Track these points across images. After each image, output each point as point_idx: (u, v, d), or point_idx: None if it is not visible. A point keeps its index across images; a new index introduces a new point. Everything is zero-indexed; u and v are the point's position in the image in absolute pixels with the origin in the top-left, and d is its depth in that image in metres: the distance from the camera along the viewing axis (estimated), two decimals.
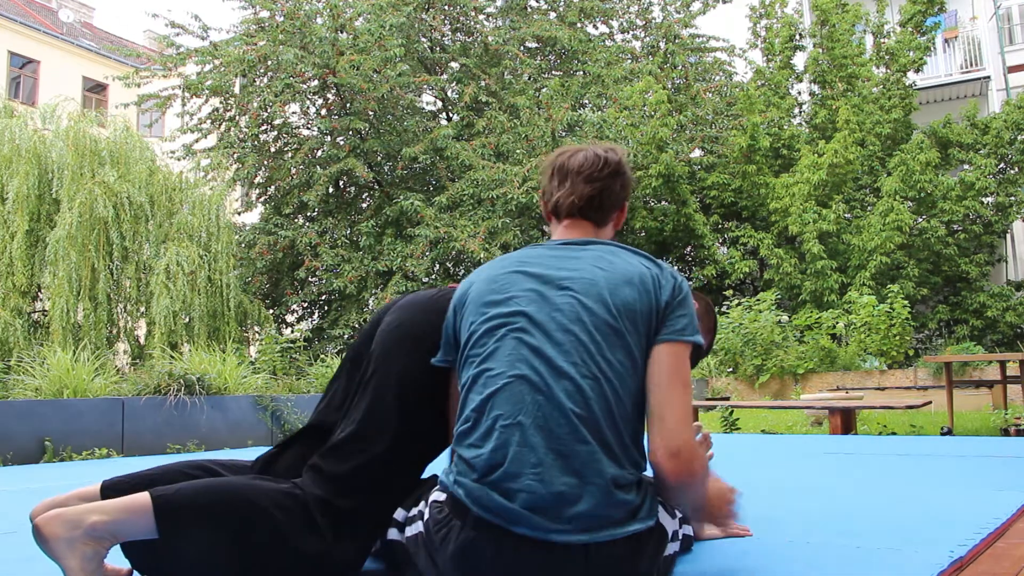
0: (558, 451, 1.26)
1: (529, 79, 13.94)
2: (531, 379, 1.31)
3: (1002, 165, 13.21)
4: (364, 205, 13.46)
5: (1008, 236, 14.29)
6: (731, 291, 11.97)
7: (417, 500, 1.49)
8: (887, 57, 13.66)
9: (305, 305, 13.43)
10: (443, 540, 1.32)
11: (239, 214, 13.44)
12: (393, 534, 1.51)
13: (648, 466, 1.37)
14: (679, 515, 1.60)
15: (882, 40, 13.90)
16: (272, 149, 13.14)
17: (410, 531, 1.44)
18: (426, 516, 1.39)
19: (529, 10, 14.72)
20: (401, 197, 11.79)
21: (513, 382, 1.32)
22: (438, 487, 1.40)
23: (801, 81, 14.67)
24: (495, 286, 1.45)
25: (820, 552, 1.79)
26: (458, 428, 1.36)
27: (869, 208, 12.74)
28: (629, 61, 14.53)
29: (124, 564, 1.50)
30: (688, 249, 14.17)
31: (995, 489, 2.71)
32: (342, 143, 12.40)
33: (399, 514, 1.52)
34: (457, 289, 1.55)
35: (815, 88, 14.29)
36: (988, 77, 16.01)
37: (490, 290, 1.45)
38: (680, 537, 1.60)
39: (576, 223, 1.56)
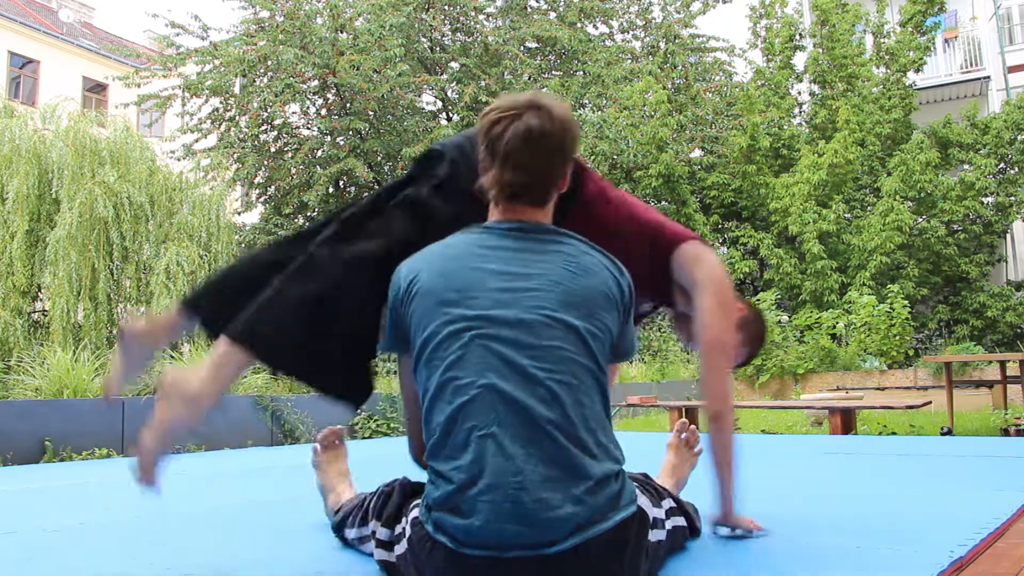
0: (537, 457, 1.24)
1: (529, 79, 13.93)
2: (502, 388, 1.27)
3: (1002, 165, 13.21)
4: None
5: (1008, 236, 14.29)
6: None
7: (399, 516, 1.48)
8: (887, 57, 13.66)
9: None
10: (430, 552, 1.30)
11: (239, 214, 13.43)
12: (381, 554, 1.50)
13: (624, 460, 1.38)
14: (665, 506, 1.61)
15: (882, 40, 13.90)
16: (272, 149, 13.14)
17: (399, 550, 1.43)
18: (408, 533, 1.38)
19: (529, 10, 14.71)
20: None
21: (483, 392, 1.27)
22: (417, 506, 1.38)
23: (801, 81, 14.67)
24: (453, 283, 1.35)
25: (820, 552, 1.79)
26: (429, 440, 1.33)
27: (869, 208, 12.75)
28: (629, 61, 14.52)
29: None
30: None
31: (995, 489, 2.71)
32: (342, 143, 12.40)
33: (383, 533, 1.50)
34: (400, 273, 1.44)
35: (815, 88, 14.30)
36: (988, 77, 16.01)
37: (447, 287, 1.35)
38: (667, 528, 1.60)
39: (518, 208, 1.44)
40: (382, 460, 3.76)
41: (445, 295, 1.34)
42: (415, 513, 1.37)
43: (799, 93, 14.85)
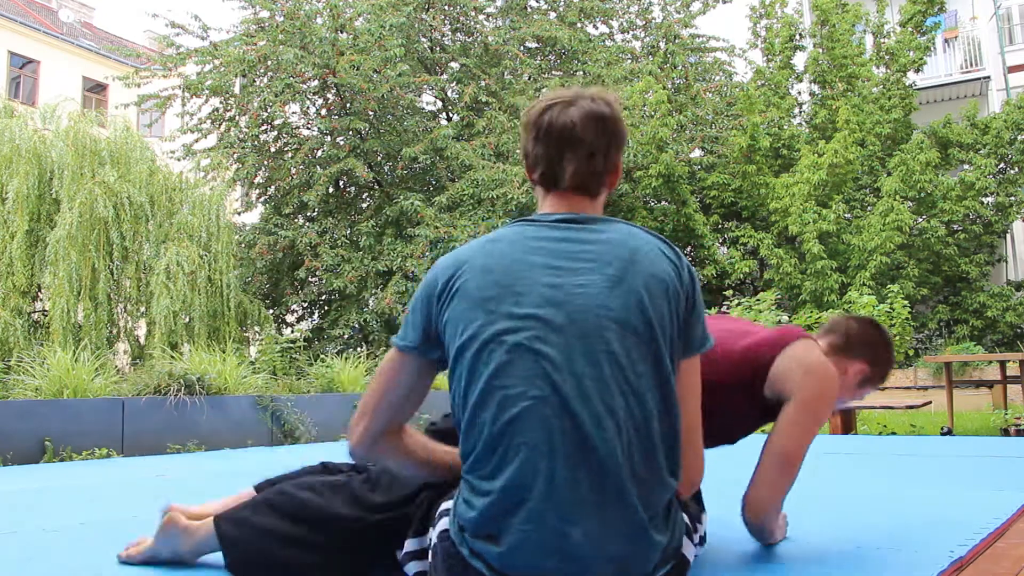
0: (588, 485, 1.14)
1: (529, 79, 13.93)
2: (554, 402, 1.15)
3: (1002, 165, 13.20)
4: (364, 205, 13.46)
5: (1008, 236, 14.29)
6: (731, 291, 11.95)
7: (426, 525, 1.39)
8: (887, 57, 13.65)
9: (305, 305, 13.43)
10: (463, 573, 1.22)
11: (239, 214, 13.43)
12: (415, 567, 1.44)
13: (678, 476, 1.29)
14: (696, 538, 1.45)
15: (882, 40, 13.90)
16: (272, 149, 13.14)
17: (427, 561, 1.35)
18: (435, 544, 1.30)
19: (529, 10, 14.71)
20: (401, 197, 11.79)
21: (535, 404, 1.16)
22: (444, 515, 1.29)
23: (801, 81, 14.66)
24: (498, 277, 1.24)
25: (820, 552, 1.79)
26: (471, 452, 1.21)
27: (869, 208, 12.74)
28: (629, 61, 14.52)
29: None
30: (688, 249, 14.16)
31: (995, 489, 2.71)
32: (342, 143, 12.40)
33: (412, 543, 1.44)
34: (439, 267, 1.32)
35: (815, 88, 14.29)
36: (988, 77, 16.00)
37: (491, 282, 1.23)
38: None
39: (570, 197, 1.35)
40: None
41: (489, 291, 1.23)
42: (443, 525, 1.28)
43: (799, 93, 14.84)
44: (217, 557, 1.64)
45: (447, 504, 1.30)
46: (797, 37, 14.64)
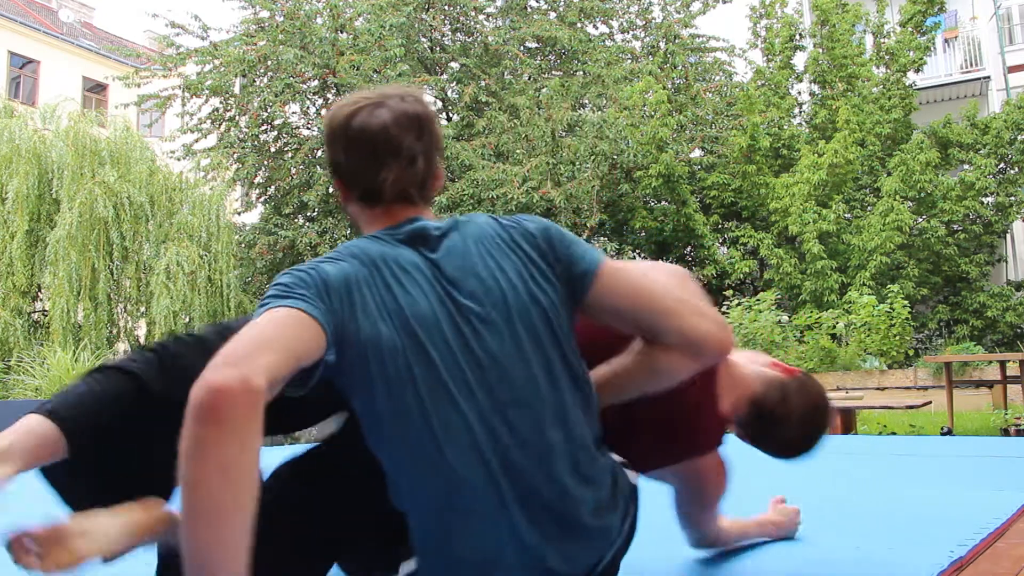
0: (550, 526, 1.11)
1: (529, 79, 13.93)
2: (492, 464, 1.09)
3: (1002, 165, 13.20)
4: None
5: (1008, 236, 14.28)
6: (731, 291, 11.96)
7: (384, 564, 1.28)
8: (887, 57, 13.65)
9: None
10: None
11: (239, 214, 13.44)
12: None
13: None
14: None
15: (882, 40, 13.89)
16: (272, 149, 13.14)
17: None
18: None
19: (529, 10, 14.71)
20: None
21: (472, 472, 1.08)
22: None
23: (801, 81, 14.66)
24: (405, 326, 1.11)
25: (820, 552, 1.79)
26: (419, 521, 1.14)
27: (869, 208, 12.74)
28: (629, 61, 14.52)
29: None
30: (688, 249, 14.17)
31: (995, 489, 2.70)
32: None
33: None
34: (328, 272, 1.12)
35: (815, 88, 14.29)
36: (988, 77, 16.00)
37: (397, 332, 1.10)
38: None
39: (397, 209, 1.22)
40: None
41: (397, 343, 1.10)
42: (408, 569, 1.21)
43: (799, 93, 14.84)
44: None
45: (408, 567, 1.21)
46: (797, 37, 14.64)
